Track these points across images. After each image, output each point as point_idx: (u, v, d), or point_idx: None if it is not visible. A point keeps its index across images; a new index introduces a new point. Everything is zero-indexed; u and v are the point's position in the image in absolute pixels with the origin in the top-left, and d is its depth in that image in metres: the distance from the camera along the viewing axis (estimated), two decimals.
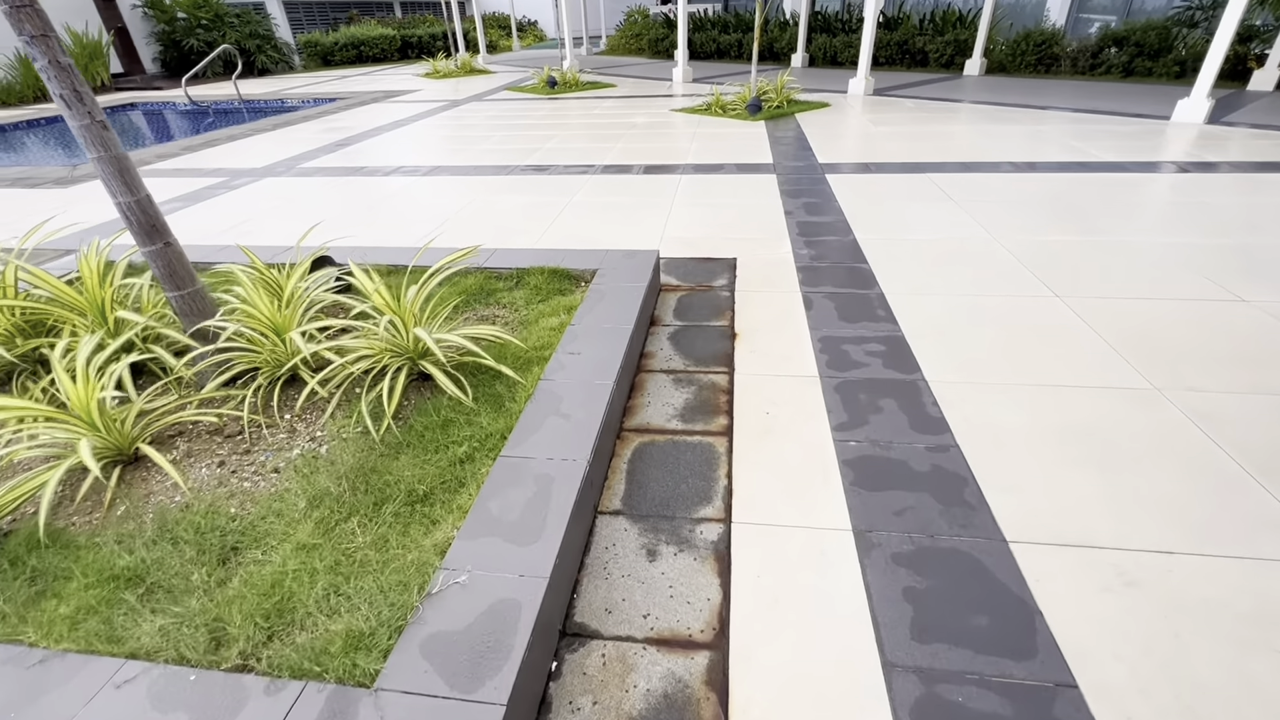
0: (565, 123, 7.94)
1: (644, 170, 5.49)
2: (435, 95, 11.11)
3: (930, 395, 2.26)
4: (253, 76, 16.23)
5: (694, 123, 7.52)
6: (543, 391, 2.04)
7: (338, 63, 18.01)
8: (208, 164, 6.41)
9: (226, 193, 5.32)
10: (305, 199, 5.02)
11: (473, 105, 9.82)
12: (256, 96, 12.02)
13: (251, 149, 7.08)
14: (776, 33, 14.05)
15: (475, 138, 7.22)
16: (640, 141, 6.64)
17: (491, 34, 23.41)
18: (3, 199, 5.48)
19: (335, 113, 9.58)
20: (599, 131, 7.29)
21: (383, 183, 5.41)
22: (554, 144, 6.74)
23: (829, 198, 4.53)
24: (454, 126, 8.01)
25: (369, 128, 8.12)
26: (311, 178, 5.72)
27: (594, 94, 10.51)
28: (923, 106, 7.99)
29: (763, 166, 5.43)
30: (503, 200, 4.81)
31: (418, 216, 4.50)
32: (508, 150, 6.50)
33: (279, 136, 7.78)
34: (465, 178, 5.50)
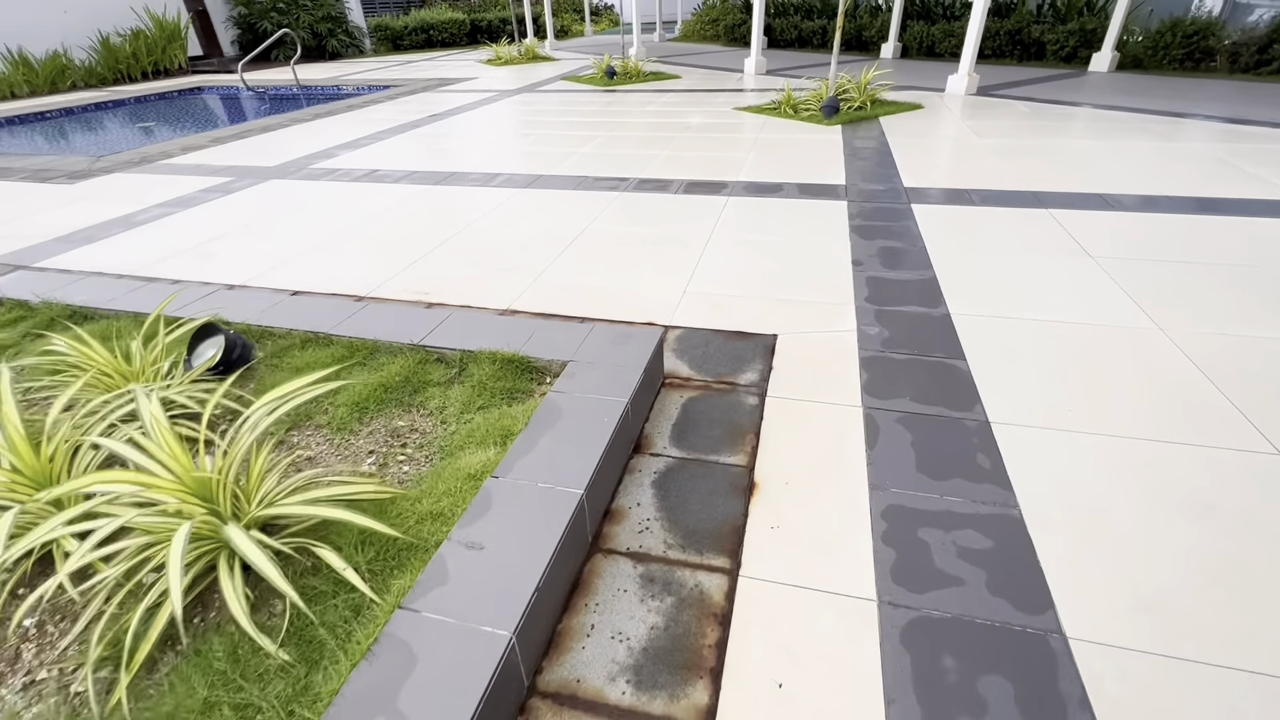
0: (612, 121, 7.08)
1: (684, 188, 4.56)
2: (489, 84, 10.48)
3: (1082, 677, 1.28)
4: (323, 60, 16.21)
5: (758, 125, 6.49)
6: (389, 644, 1.21)
7: (407, 47, 17.81)
8: (223, 160, 5.97)
9: (220, 197, 4.79)
10: (294, 212, 4.41)
11: (522, 98, 9.10)
12: (315, 82, 11.79)
13: (278, 142, 6.62)
14: (865, 19, 12.59)
15: (508, 138, 6.48)
16: (690, 148, 5.69)
17: (564, 18, 22.73)
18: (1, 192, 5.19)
19: (380, 103, 9.09)
20: (647, 133, 6.38)
21: (384, 192, 4.74)
22: (591, 147, 5.89)
23: (914, 240, 3.47)
24: (490, 123, 7.30)
25: (404, 121, 7.53)
26: (318, 181, 5.13)
27: (654, 86, 9.58)
28: (1040, 112, 6.61)
29: (832, 189, 4.38)
30: (502, 227, 4.01)
31: (401, 242, 3.78)
32: (536, 155, 5.71)
33: (313, 128, 7.31)
34: (477, 190, 4.75)
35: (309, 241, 3.84)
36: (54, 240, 4.04)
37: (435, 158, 5.76)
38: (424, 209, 4.35)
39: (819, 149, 5.44)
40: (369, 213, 4.28)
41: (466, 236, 3.84)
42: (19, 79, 11.59)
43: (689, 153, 5.52)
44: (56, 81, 12.14)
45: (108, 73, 13.01)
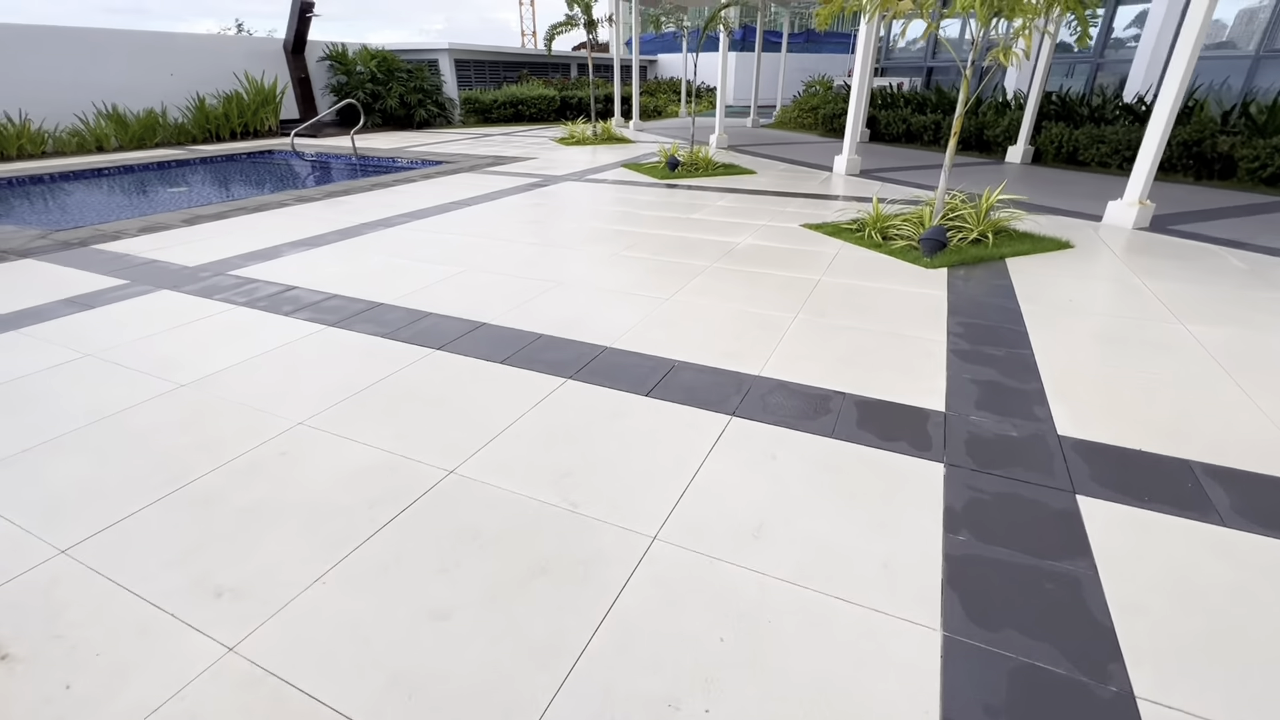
0: (640, 230, 5.56)
1: (665, 380, 2.83)
2: (540, 168, 9.45)
3: None
4: (410, 129, 16.29)
5: (827, 257, 4.73)
6: None
7: (495, 119, 17.75)
8: (150, 248, 4.96)
9: (74, 313, 3.62)
10: (127, 347, 3.10)
11: (561, 187, 7.88)
12: (375, 152, 11.34)
13: (238, 229, 5.61)
14: (989, 115, 10.69)
15: (499, 240, 5.09)
16: (717, 289, 4.01)
17: (661, 98, 22.35)
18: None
19: (414, 181, 8.18)
20: (672, 254, 4.78)
21: (273, 325, 3.37)
22: (583, 268, 4.34)
23: (1096, 624, 1.55)
24: (494, 220, 6.00)
25: (408, 210, 6.42)
26: (206, 299, 3.87)
27: (719, 183, 8.10)
28: (1263, 269, 4.42)
29: (917, 426, 2.48)
30: (325, 451, 2.43)
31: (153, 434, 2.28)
32: (501, 279, 4.21)
33: (297, 212, 6.34)
34: (383, 343, 3.27)
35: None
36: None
37: (374, 276, 4.41)
38: (319, 356, 2.89)
39: (908, 316, 3.58)
40: (258, 345, 2.89)
41: (291, 453, 2.28)
42: (108, 133, 11.95)
43: (711, 299, 3.82)
44: (145, 138, 12.49)
45: (197, 131, 13.36)
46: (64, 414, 2.54)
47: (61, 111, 11.52)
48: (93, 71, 11.94)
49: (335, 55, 15.92)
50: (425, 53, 17.73)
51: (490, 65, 19.26)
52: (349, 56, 16.03)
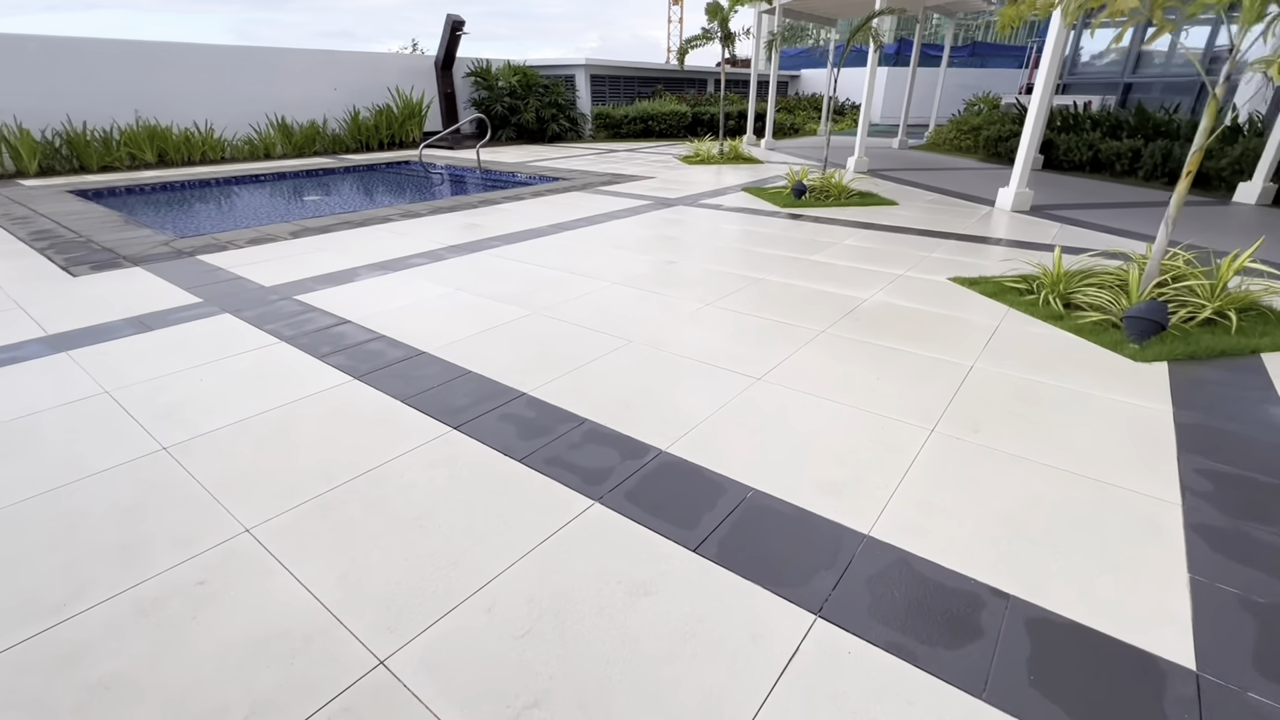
0: (742, 274, 4.71)
1: (713, 533, 1.98)
2: (655, 189, 8.86)
3: None
4: (542, 143, 16.53)
5: (981, 328, 3.61)
6: None
7: (624, 135, 17.59)
8: (250, 263, 4.91)
9: (129, 336, 3.48)
10: (146, 385, 2.83)
11: (670, 213, 7.20)
12: (498, 165, 11.39)
13: (335, 245, 5.50)
14: (1215, 143, 8.55)
15: (580, 275, 4.46)
16: (819, 377, 3.07)
17: (799, 115, 21.13)
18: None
19: (523, 199, 7.91)
20: (773, 313, 3.89)
21: (298, 371, 2.97)
22: (658, 324, 3.58)
23: None
24: (584, 250, 5.42)
25: (502, 232, 6.05)
26: (257, 330, 3.60)
27: (851, 215, 7.00)
28: None
29: (1144, 699, 1.47)
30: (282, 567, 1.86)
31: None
32: (565, 330, 3.56)
33: (402, 228, 6.18)
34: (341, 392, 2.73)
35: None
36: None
37: (432, 313, 3.95)
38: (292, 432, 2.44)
39: (1112, 445, 2.43)
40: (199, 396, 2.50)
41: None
42: (275, 141, 13.11)
43: (817, 386, 2.90)
44: (305, 147, 13.58)
45: (351, 141, 14.35)
46: (7, 484, 2.21)
47: (239, 122, 12.78)
48: (268, 86, 13.15)
49: (479, 71, 16.54)
50: (563, 68, 17.99)
51: (625, 81, 19.18)
52: (492, 72, 16.58)
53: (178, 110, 11.92)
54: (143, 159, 11.33)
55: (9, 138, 10.09)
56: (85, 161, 10.74)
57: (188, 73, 12.09)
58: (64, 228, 6.32)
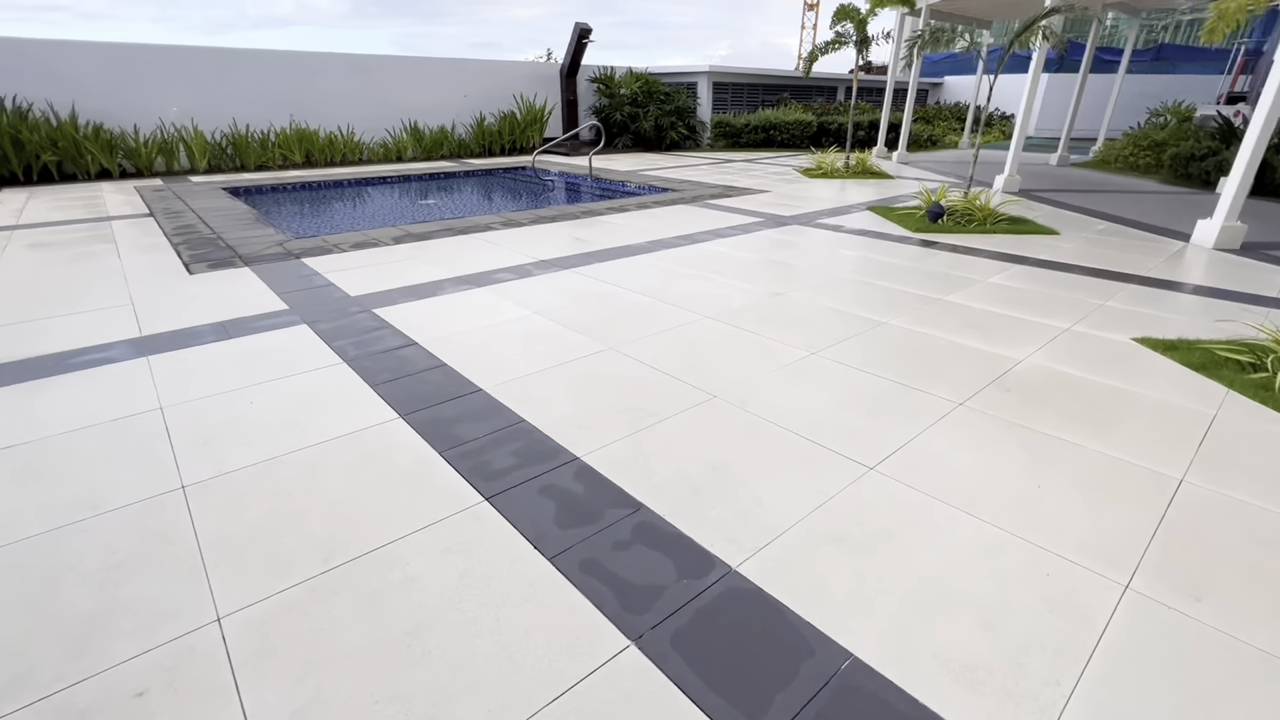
0: (858, 315, 3.99)
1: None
2: (769, 204, 8.20)
3: None
4: (659, 150, 16.30)
5: (1187, 416, 2.69)
6: None
7: (744, 144, 16.93)
8: (345, 269, 4.89)
9: (207, 344, 3.45)
10: (198, 404, 2.71)
11: (783, 233, 6.54)
12: (609, 174, 11.20)
13: (430, 253, 5.41)
14: None
15: (670, 305, 3.97)
16: (954, 473, 2.35)
17: (938, 126, 19.37)
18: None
19: (627, 210, 7.58)
20: (893, 371, 3.17)
21: (342, 404, 2.73)
22: (747, 377, 2.99)
23: None
24: (680, 274, 4.91)
25: (599, 247, 5.71)
26: (324, 347, 3.45)
27: (999, 244, 5.97)
28: None
29: None
30: None
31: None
32: (640, 374, 3.06)
33: (499, 238, 6.02)
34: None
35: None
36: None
37: (501, 340, 3.61)
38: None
39: None
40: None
41: None
42: (407, 145, 13.82)
43: (949, 485, 2.20)
44: (433, 151, 14.21)
45: (475, 146, 14.87)
46: (20, 516, 2.07)
47: (377, 126, 13.59)
48: (405, 92, 13.90)
49: (602, 78, 16.58)
50: (686, 76, 17.64)
51: (750, 88, 18.50)
52: (614, 79, 16.58)
53: (326, 115, 12.86)
54: (292, 159, 12.30)
55: (186, 138, 11.30)
56: (245, 161, 11.82)
57: (336, 80, 13.01)
58: (204, 224, 6.78)
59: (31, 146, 9.76)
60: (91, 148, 10.26)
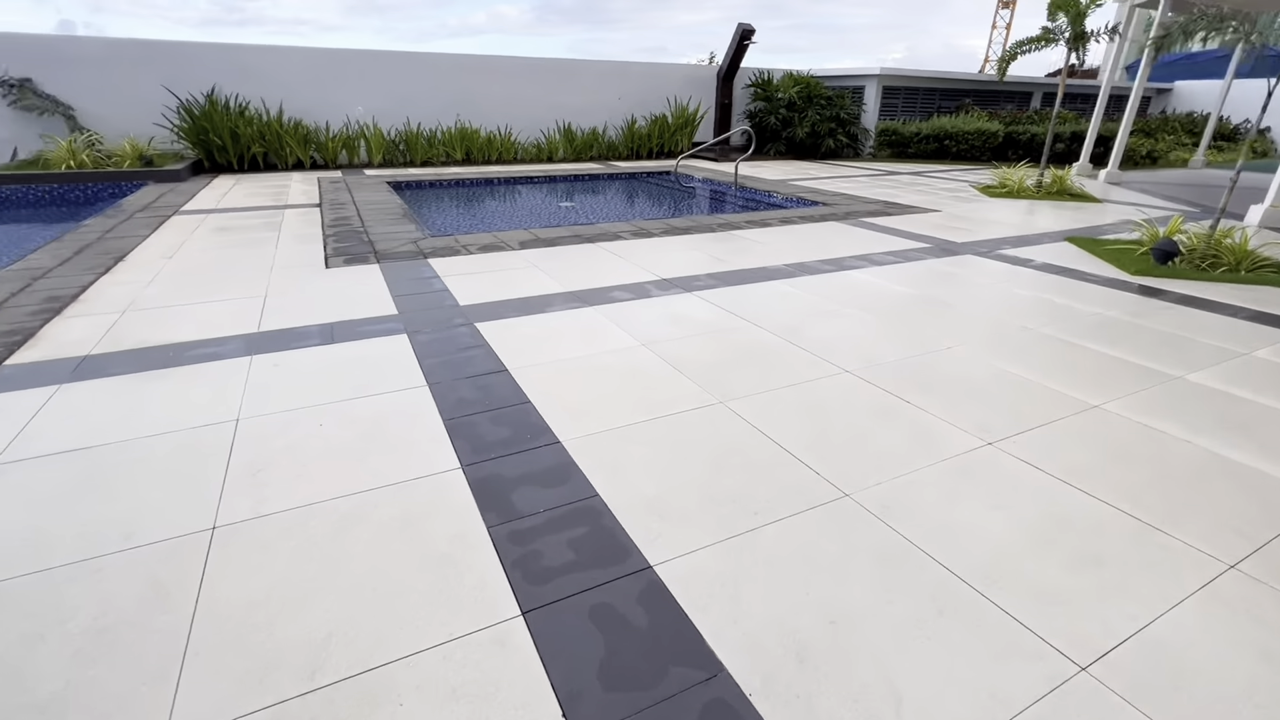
0: (1056, 390, 3.01)
1: None
2: (938, 226, 7.08)
3: None
4: (814, 159, 15.25)
5: None
6: None
7: (911, 155, 15.29)
8: (464, 274, 4.76)
9: (307, 347, 3.37)
10: (258, 423, 2.55)
11: (953, 264, 5.49)
12: (756, 182, 10.48)
13: (549, 262, 5.14)
14: None
15: (802, 351, 3.27)
16: (1225, 684, 1.48)
17: (1164, 141, 16.21)
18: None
19: (770, 225, 6.89)
20: (1104, 504, 2.25)
21: (391, 445, 2.43)
22: (884, 485, 2.24)
23: None
24: (822, 310, 4.16)
25: (733, 267, 5.11)
26: (405, 367, 3.22)
27: (1263, 301, 4.48)
28: None
29: None
30: None
31: None
32: (749, 450, 2.43)
33: (627, 250, 5.64)
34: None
35: None
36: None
37: (595, 376, 3.14)
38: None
39: None
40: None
41: None
42: (558, 146, 14.09)
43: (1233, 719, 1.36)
44: (583, 152, 14.37)
45: (624, 149, 14.83)
46: (38, 547, 1.93)
47: (533, 126, 13.99)
48: (562, 94, 14.17)
49: (759, 82, 15.83)
50: (853, 79, 16.33)
51: (924, 93, 16.70)
52: (773, 83, 15.75)
53: (489, 115, 13.45)
54: (453, 157, 13.01)
55: (366, 134, 12.33)
56: (413, 156, 12.67)
57: (501, 82, 13.56)
58: (358, 216, 7.14)
59: (245, 139, 11.13)
60: (290, 141, 11.49)
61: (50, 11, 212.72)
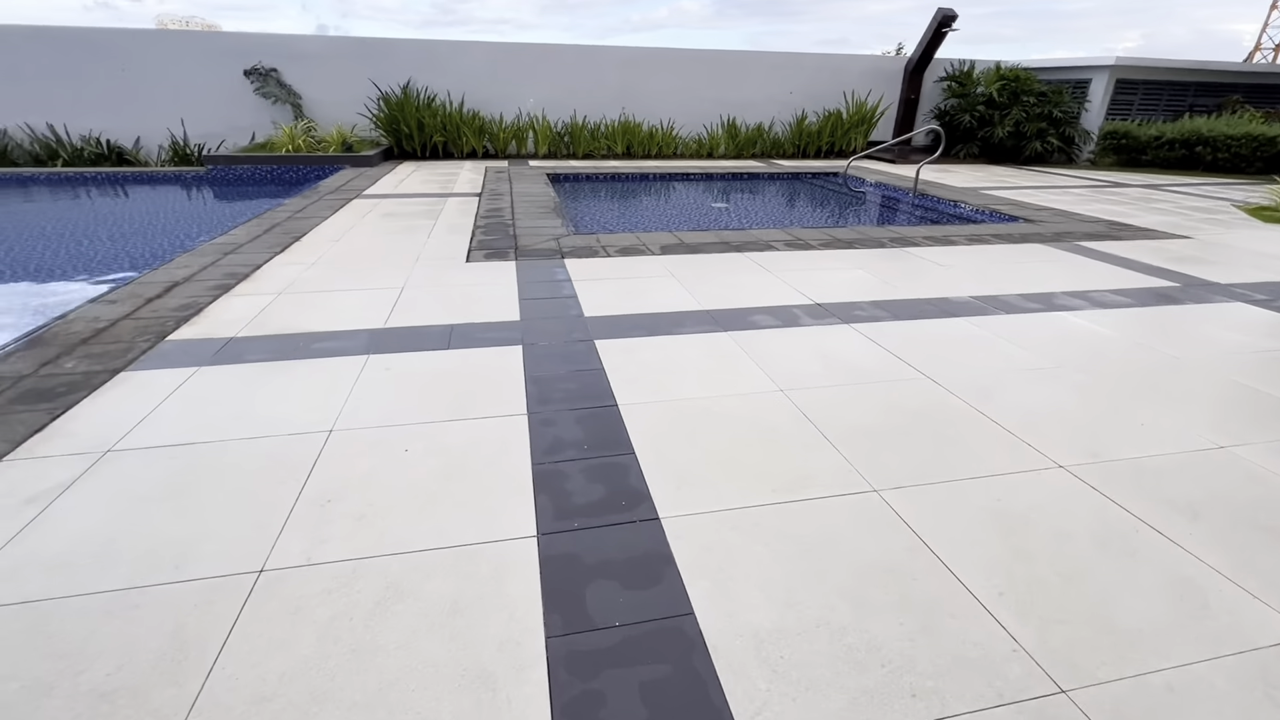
0: None
1: None
2: (1183, 257, 5.54)
3: None
4: (1010, 165, 13.21)
5: None
6: None
7: (1146, 163, 12.60)
8: (594, 278, 4.44)
9: (396, 353, 3.22)
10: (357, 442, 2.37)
11: (1213, 311, 4.14)
12: (941, 190, 9.15)
13: (686, 271, 4.66)
14: None
15: (994, 417, 2.45)
16: None
17: None
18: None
19: (952, 243, 5.84)
20: None
21: (462, 503, 2.11)
22: (1129, 677, 1.45)
23: None
24: (1026, 358, 3.21)
25: (892, 295, 4.28)
26: (509, 391, 2.91)
27: None
28: None
29: None
30: None
31: None
32: (885, 593, 1.74)
33: (775, 263, 5.01)
34: None
35: None
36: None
37: (711, 417, 2.58)
38: None
39: None
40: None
41: None
42: (719, 141, 13.53)
43: None
44: (745, 149, 13.67)
45: (790, 146, 13.91)
46: (110, 560, 1.81)
47: (695, 121, 13.57)
48: (727, 88, 13.58)
49: (956, 75, 14.00)
50: (1074, 71, 13.84)
51: (1173, 88, 13.70)
52: (972, 76, 13.85)
53: (652, 108, 13.26)
54: (614, 150, 13.00)
55: (535, 126, 12.71)
56: (575, 149, 12.86)
57: (666, 75, 13.29)
58: (511, 209, 7.20)
59: (429, 128, 11.96)
60: (467, 131, 12.16)
61: (310, 18, 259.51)
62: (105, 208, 8.25)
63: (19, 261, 5.58)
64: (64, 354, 3.15)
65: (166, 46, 11.44)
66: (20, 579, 1.71)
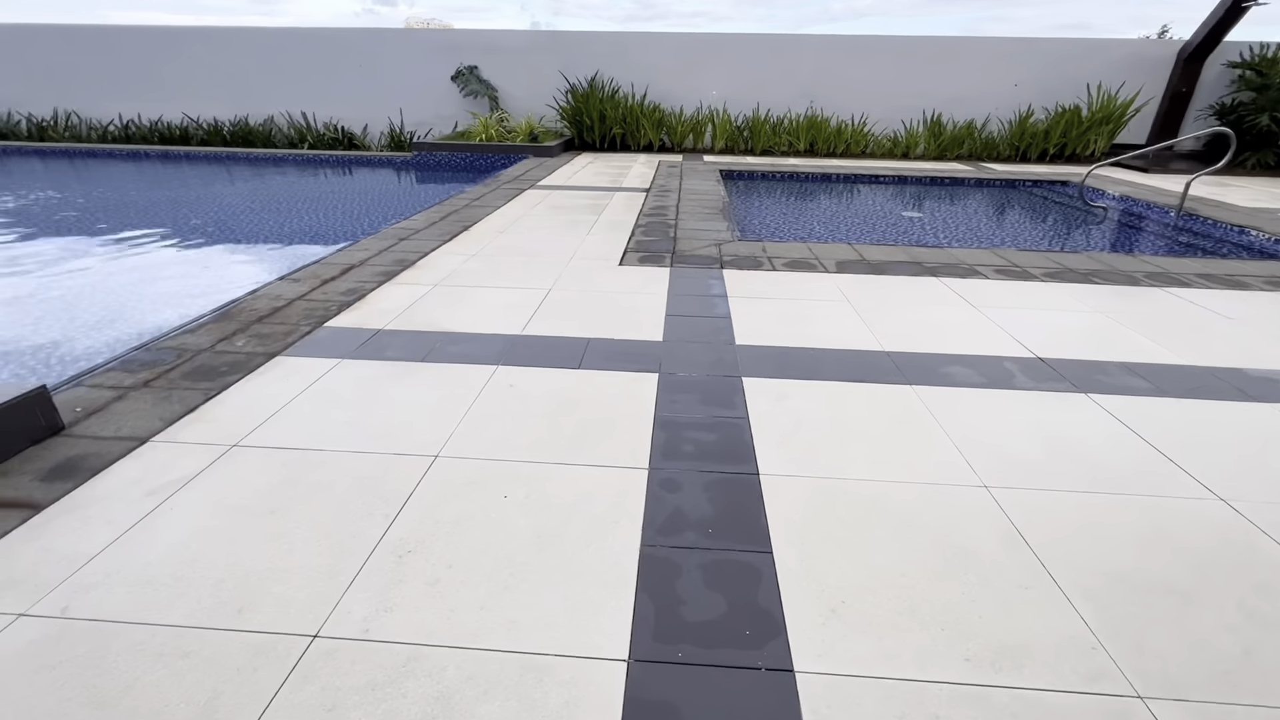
0: None
1: None
2: None
3: None
4: None
5: None
6: None
7: None
8: (760, 297, 3.88)
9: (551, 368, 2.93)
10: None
11: None
12: (1221, 212, 7.13)
13: (860, 294, 3.91)
14: None
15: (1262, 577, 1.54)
16: None
17: None
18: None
19: (1232, 285, 4.38)
20: None
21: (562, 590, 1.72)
22: None
23: None
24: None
25: (1162, 355, 3.18)
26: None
27: None
28: None
29: None
30: None
31: None
32: None
33: (987, 296, 4.05)
34: None
35: None
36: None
37: (874, 515, 1.91)
38: None
39: None
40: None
41: None
42: (918, 140, 12.02)
43: None
44: (948, 149, 12.00)
45: (1006, 148, 11.97)
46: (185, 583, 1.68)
47: (892, 116, 12.18)
48: (933, 80, 11.96)
49: (1253, 62, 10.99)
50: None
51: None
52: (1277, 65, 10.78)
53: (844, 102, 12.15)
54: (796, 147, 12.13)
55: (715, 119, 12.26)
56: (754, 144, 12.20)
57: (861, 65, 12.04)
58: (676, 207, 6.84)
59: (610, 120, 12.05)
60: (645, 123, 12.07)
61: (527, 16, 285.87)
62: (329, 187, 9.35)
63: (255, 232, 6.41)
64: (240, 331, 3.35)
65: (394, 43, 12.76)
66: (105, 589, 1.65)
